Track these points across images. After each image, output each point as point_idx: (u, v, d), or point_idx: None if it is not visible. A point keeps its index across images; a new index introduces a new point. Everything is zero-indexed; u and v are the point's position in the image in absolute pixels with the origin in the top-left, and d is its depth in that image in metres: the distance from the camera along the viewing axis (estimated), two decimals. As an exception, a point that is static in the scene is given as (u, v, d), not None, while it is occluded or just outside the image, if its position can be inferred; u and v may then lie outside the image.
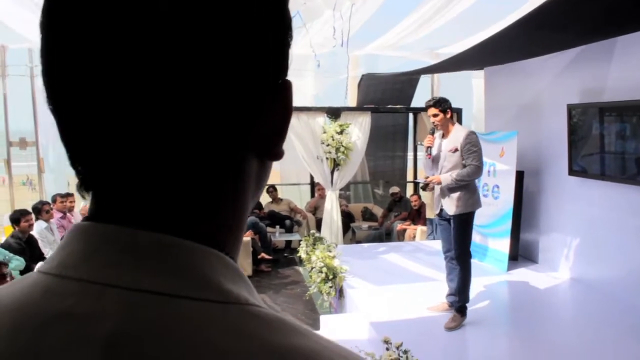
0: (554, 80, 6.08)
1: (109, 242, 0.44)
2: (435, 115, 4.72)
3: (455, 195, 4.62)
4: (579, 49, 5.60)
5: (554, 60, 5.98)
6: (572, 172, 5.68)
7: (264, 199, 10.07)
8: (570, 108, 5.62)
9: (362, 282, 5.89)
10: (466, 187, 4.63)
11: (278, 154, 0.53)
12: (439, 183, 4.62)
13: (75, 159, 0.47)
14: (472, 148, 4.66)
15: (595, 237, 5.49)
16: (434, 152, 4.71)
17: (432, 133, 4.66)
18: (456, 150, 4.63)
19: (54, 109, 0.46)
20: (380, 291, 5.65)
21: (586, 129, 5.46)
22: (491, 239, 6.58)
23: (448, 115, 4.73)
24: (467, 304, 4.71)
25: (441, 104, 4.72)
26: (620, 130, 5.05)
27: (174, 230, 0.45)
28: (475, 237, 5.90)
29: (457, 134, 4.70)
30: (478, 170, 4.62)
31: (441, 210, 4.74)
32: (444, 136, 4.77)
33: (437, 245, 7.63)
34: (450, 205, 4.61)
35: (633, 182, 4.90)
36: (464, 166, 4.57)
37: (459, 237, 4.68)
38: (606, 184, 5.25)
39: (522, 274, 6.10)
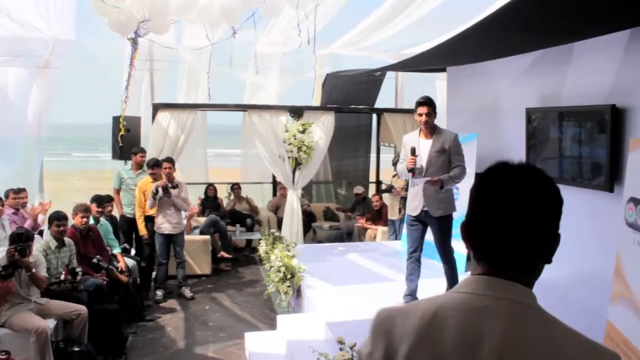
0: (514, 84, 6.15)
1: (501, 283, 1.15)
2: (428, 115, 4.69)
3: (443, 197, 4.64)
4: (539, 53, 5.67)
5: (515, 64, 6.05)
6: (529, 174, 5.73)
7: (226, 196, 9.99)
8: (529, 112, 5.69)
9: (321, 282, 5.84)
10: (450, 189, 4.67)
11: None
12: (440, 184, 4.59)
13: (493, 253, 1.18)
14: (459, 150, 4.72)
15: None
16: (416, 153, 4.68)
17: (413, 153, 4.59)
18: (443, 151, 4.64)
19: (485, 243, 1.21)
20: (339, 291, 5.62)
21: (544, 133, 5.53)
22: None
23: (434, 116, 4.77)
24: None
25: (433, 103, 4.73)
26: (575, 134, 5.12)
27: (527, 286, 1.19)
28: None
29: (445, 136, 4.70)
30: (465, 171, 4.65)
31: (422, 212, 4.73)
32: (425, 137, 4.76)
33: (398, 245, 7.70)
34: (437, 207, 4.63)
35: (587, 185, 4.98)
36: (448, 168, 4.62)
37: (447, 238, 4.77)
38: (562, 187, 5.28)
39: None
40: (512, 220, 1.15)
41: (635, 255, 3.77)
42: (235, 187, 9.89)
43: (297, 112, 8.63)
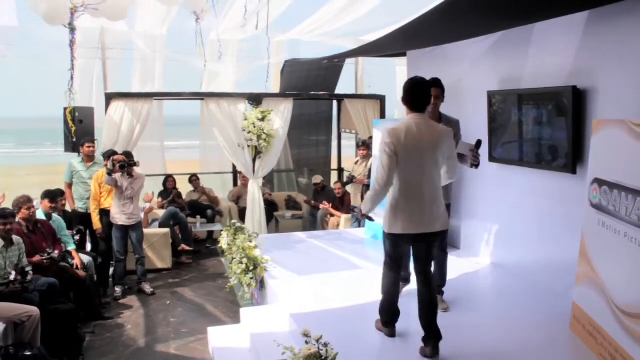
0: (476, 67, 6.11)
1: (422, 114, 3.80)
2: (436, 97, 4.38)
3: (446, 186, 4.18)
4: (499, 35, 5.63)
5: (476, 46, 6.00)
6: (492, 158, 5.72)
7: (186, 188, 9.73)
8: (491, 95, 5.66)
9: (285, 273, 5.72)
10: None
11: None
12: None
13: (418, 106, 3.78)
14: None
15: (515, 223, 5.57)
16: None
17: (479, 147, 4.32)
18: (454, 135, 4.20)
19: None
20: (303, 281, 5.50)
21: (505, 116, 5.51)
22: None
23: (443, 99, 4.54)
24: None
25: (443, 85, 4.46)
26: (537, 117, 5.10)
27: None
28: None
29: (452, 123, 4.50)
30: None
31: None
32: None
33: (361, 233, 7.64)
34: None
35: (549, 167, 4.98)
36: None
37: None
38: (524, 169, 5.31)
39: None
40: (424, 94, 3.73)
41: (600, 235, 3.77)
42: (194, 178, 9.66)
43: (255, 99, 8.45)
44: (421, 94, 3.72)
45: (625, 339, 3.28)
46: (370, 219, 4.13)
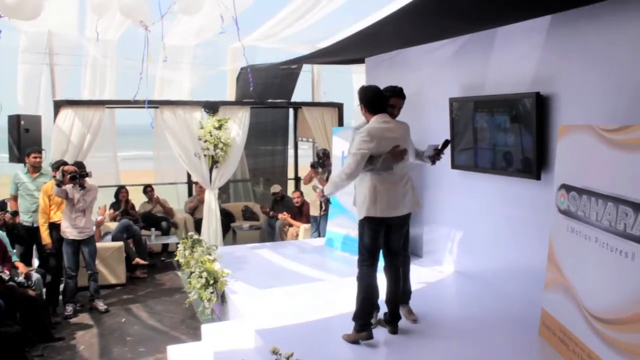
0: (437, 73, 6.09)
1: (385, 115, 4.28)
2: (394, 106, 4.44)
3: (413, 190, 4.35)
4: (461, 41, 5.63)
5: (436, 52, 5.99)
6: (454, 165, 5.70)
7: (139, 199, 9.40)
8: (452, 101, 5.63)
9: (246, 286, 5.53)
10: None
11: None
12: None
13: (380, 108, 4.22)
14: None
15: (478, 230, 5.54)
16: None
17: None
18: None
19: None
20: (266, 295, 5.33)
21: (468, 122, 5.49)
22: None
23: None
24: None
25: (403, 94, 4.54)
26: (500, 123, 5.10)
27: None
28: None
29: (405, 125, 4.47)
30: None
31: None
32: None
33: (321, 243, 7.51)
34: (412, 202, 4.28)
35: (513, 174, 4.98)
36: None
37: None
38: (487, 176, 5.30)
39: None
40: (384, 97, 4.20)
41: (569, 241, 3.76)
42: (148, 189, 9.34)
43: (212, 107, 8.23)
44: (381, 98, 4.21)
45: (598, 345, 3.26)
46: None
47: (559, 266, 3.88)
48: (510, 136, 5.00)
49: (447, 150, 4.95)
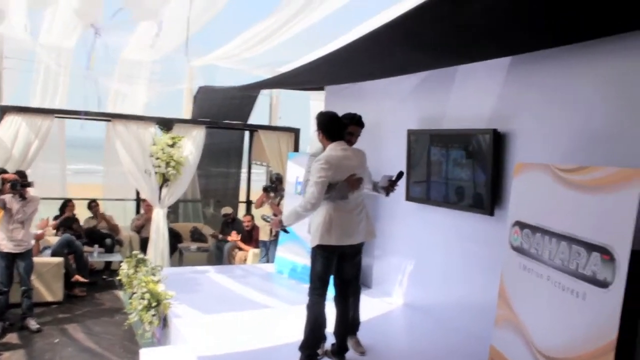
0: (396, 105, 6.11)
1: (342, 142, 4.25)
2: (352, 134, 4.42)
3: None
4: (421, 75, 5.68)
5: (397, 85, 6.01)
6: (408, 197, 5.69)
7: (84, 214, 9.05)
8: (410, 133, 5.65)
9: (190, 310, 5.33)
10: None
11: None
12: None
13: (338, 135, 4.21)
14: None
15: (430, 263, 5.53)
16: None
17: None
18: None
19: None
20: (210, 320, 5.15)
21: (424, 155, 5.51)
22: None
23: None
24: None
25: (362, 123, 4.53)
26: (456, 158, 5.13)
27: None
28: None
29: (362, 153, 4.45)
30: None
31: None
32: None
33: (270, 268, 7.38)
34: (366, 231, 4.32)
35: (466, 208, 5.00)
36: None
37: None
38: (441, 210, 5.30)
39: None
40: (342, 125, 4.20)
41: (521, 278, 3.76)
42: (93, 204, 9.01)
43: (166, 124, 8.04)
44: (340, 125, 4.20)
45: (547, 384, 3.24)
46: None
47: (510, 303, 3.86)
48: (466, 171, 5.03)
49: (402, 182, 4.93)
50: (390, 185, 4.60)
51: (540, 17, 3.47)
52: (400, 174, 4.67)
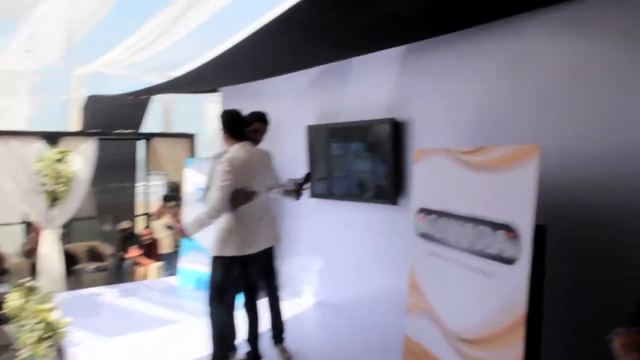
0: (295, 101, 6.02)
1: (246, 143, 4.08)
2: (258, 131, 4.29)
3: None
4: (317, 70, 5.64)
5: (294, 81, 5.93)
6: (313, 194, 5.60)
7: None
8: (309, 129, 5.57)
9: (90, 335, 4.95)
10: None
11: None
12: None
13: (241, 136, 4.09)
14: None
15: (338, 259, 5.48)
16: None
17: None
18: None
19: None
20: (113, 343, 4.82)
21: (325, 150, 5.47)
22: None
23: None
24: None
25: (267, 120, 4.36)
26: (356, 150, 5.13)
27: None
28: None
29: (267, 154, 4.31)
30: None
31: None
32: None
33: (175, 282, 7.05)
34: (271, 237, 4.22)
35: (370, 200, 5.00)
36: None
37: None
38: (345, 203, 5.28)
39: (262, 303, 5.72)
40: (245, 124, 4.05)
41: (430, 264, 3.76)
42: (-27, 232, 8.24)
43: (52, 138, 7.47)
44: (243, 124, 4.04)
45: (463, 367, 3.23)
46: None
47: (421, 290, 3.85)
48: (367, 162, 5.03)
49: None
50: (298, 189, 4.47)
51: (430, 4, 3.49)
52: (308, 176, 4.58)
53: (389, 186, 4.76)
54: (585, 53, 3.32)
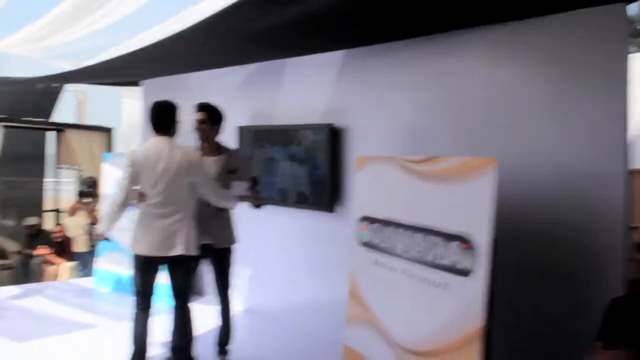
0: (226, 100, 5.71)
1: (163, 137, 3.79)
2: (201, 122, 3.99)
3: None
4: (252, 68, 5.46)
5: (225, 79, 5.71)
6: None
7: None
8: (242, 130, 5.40)
9: (-2, 341, 4.55)
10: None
11: None
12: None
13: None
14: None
15: (271, 266, 5.33)
16: None
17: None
18: (233, 172, 4.00)
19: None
20: (23, 349, 4.45)
21: (260, 153, 5.29)
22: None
23: (217, 128, 4.08)
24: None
25: (215, 111, 4.06)
26: (292, 154, 5.01)
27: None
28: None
29: (231, 153, 4.12)
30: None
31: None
32: (205, 153, 3.99)
33: (89, 283, 6.63)
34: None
35: (305, 206, 4.89)
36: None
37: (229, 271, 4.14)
38: (277, 209, 5.11)
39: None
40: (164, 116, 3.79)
41: (373, 274, 3.69)
42: None
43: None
44: (159, 116, 3.76)
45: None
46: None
47: (363, 300, 3.77)
48: (304, 168, 4.92)
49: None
50: (252, 196, 4.07)
51: (370, 13, 3.48)
52: (254, 180, 4.12)
53: (326, 193, 4.67)
54: (519, 72, 3.49)
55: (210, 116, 4.04)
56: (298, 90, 5.04)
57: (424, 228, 3.20)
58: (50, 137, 9.13)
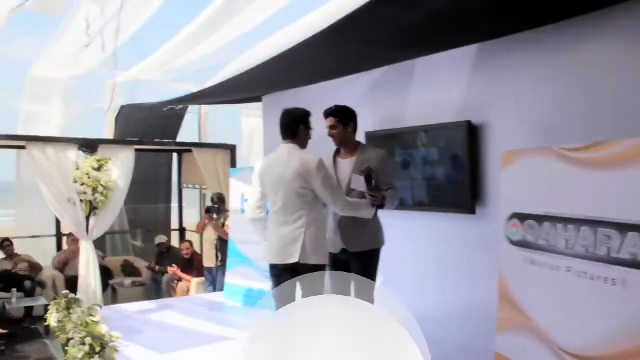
0: (353, 107, 5.66)
1: (289, 144, 3.68)
2: (332, 127, 3.89)
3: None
4: (378, 73, 5.33)
5: (350, 86, 5.56)
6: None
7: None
8: (370, 136, 5.22)
9: (142, 351, 4.64)
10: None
11: None
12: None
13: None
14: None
15: (413, 273, 5.07)
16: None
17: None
18: (368, 172, 3.61)
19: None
20: (167, 360, 4.49)
21: (392, 157, 5.07)
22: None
23: (350, 130, 3.93)
24: None
25: (345, 112, 3.96)
26: (431, 156, 4.77)
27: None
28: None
29: (370, 154, 3.84)
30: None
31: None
32: (344, 156, 3.91)
33: (219, 298, 6.70)
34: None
35: (449, 209, 4.64)
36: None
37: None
38: (414, 214, 4.91)
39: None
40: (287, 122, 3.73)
41: (528, 275, 3.42)
42: (6, 243, 7.94)
43: (90, 146, 7.19)
44: (285, 121, 3.72)
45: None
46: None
47: (517, 304, 3.49)
48: (441, 169, 4.67)
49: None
50: (371, 190, 3.61)
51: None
52: (368, 175, 3.63)
53: (467, 193, 4.38)
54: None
55: (340, 119, 3.88)
56: (429, 90, 4.83)
57: (592, 220, 2.91)
58: (175, 158, 9.47)
